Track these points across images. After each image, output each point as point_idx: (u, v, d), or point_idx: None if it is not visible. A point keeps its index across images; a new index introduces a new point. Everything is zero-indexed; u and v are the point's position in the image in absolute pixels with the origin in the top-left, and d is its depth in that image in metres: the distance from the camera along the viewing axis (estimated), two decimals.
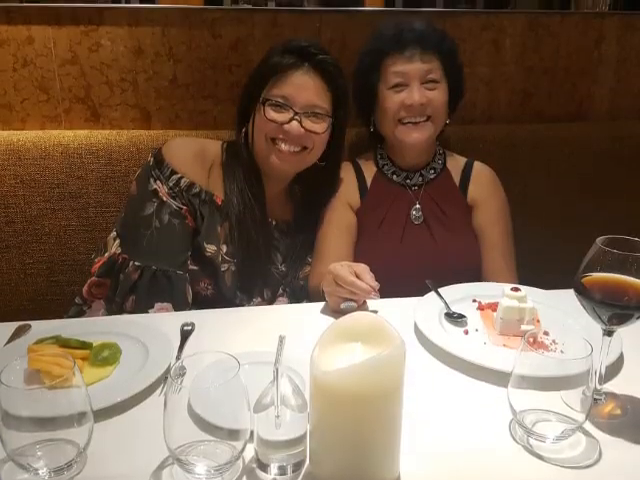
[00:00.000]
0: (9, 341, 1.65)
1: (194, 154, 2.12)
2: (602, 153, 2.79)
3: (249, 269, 2.12)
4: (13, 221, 2.41)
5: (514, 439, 1.32)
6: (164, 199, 2.03)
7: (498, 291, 1.78)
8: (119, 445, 1.28)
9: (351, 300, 1.82)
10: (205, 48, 2.57)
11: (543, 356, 1.27)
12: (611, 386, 1.48)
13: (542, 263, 2.45)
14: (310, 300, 2.18)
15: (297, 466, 1.20)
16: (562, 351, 1.39)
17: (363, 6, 2.71)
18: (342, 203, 2.32)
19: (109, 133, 2.47)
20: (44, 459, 1.15)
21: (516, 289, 1.72)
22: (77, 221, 2.45)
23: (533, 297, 1.75)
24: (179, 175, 2.05)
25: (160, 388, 1.46)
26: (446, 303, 1.86)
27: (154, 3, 2.56)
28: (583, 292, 1.32)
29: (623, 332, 1.44)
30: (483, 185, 2.39)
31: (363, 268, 1.85)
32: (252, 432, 1.17)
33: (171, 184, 2.04)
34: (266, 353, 1.39)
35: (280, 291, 2.23)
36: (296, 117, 2.05)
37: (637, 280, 1.28)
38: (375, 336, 1.12)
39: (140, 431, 1.32)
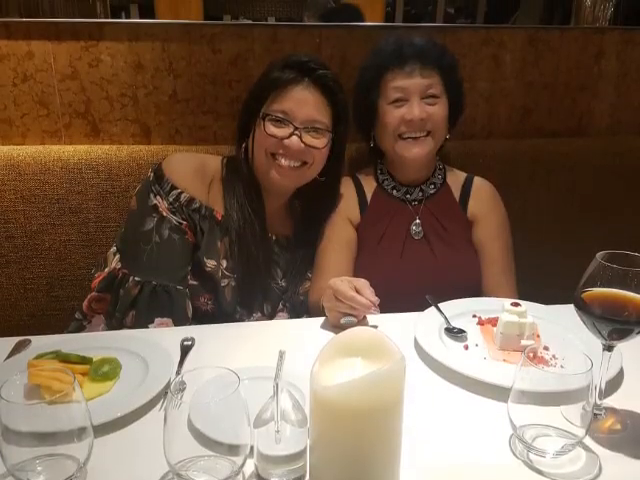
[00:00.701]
0: (9, 356, 1.65)
1: (194, 169, 2.12)
2: (602, 168, 2.79)
3: (249, 284, 2.12)
4: (13, 236, 2.41)
5: (514, 454, 1.32)
6: (164, 214, 2.03)
7: (498, 306, 1.78)
8: (119, 460, 1.28)
9: (351, 315, 1.82)
10: (205, 63, 2.57)
11: (543, 371, 1.27)
12: (611, 401, 1.48)
13: (542, 278, 2.43)
14: (310, 315, 2.18)
15: None
16: (562, 366, 1.40)
17: (363, 21, 2.72)
18: (342, 218, 2.32)
19: (109, 148, 2.47)
20: (44, 474, 1.15)
21: (516, 304, 1.73)
22: (77, 236, 2.45)
23: (533, 312, 1.75)
24: (179, 190, 2.05)
25: (160, 403, 1.45)
26: (446, 318, 1.86)
27: (154, 18, 2.57)
28: (583, 307, 1.32)
29: (623, 347, 1.44)
30: (483, 200, 2.38)
31: (363, 283, 1.85)
32: (252, 447, 1.17)
33: (171, 199, 2.04)
34: (266, 368, 1.39)
35: (280, 306, 2.22)
36: (296, 132, 2.05)
37: (637, 295, 1.28)
38: (375, 351, 1.12)
39: (140, 446, 1.32)
